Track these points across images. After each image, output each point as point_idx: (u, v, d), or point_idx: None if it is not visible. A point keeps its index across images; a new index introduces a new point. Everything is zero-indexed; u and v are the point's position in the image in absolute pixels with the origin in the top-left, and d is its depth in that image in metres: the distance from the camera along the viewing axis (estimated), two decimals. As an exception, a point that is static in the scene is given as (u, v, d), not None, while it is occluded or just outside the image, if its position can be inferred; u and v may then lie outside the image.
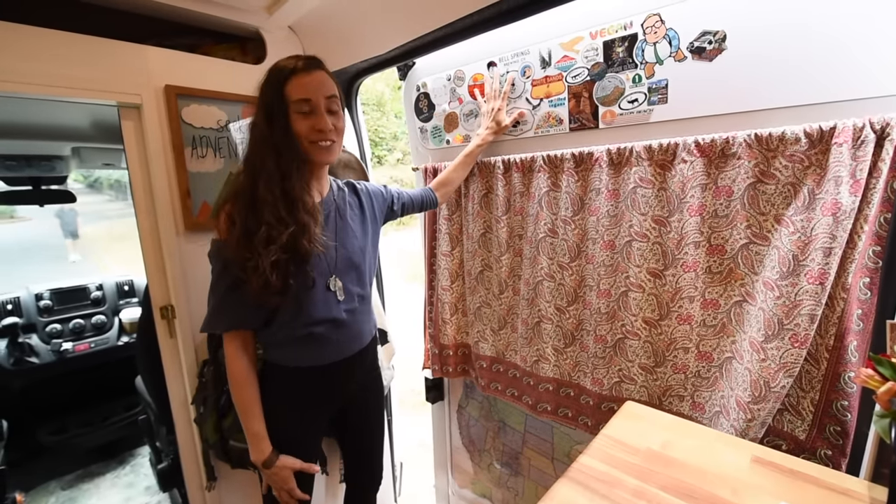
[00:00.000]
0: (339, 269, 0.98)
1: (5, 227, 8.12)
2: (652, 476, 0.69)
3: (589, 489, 0.67)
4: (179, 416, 1.34)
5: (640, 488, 0.66)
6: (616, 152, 1.01)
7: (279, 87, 0.86)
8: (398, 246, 5.79)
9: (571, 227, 1.12)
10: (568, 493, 0.68)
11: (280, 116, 0.86)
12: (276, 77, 0.87)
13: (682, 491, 0.65)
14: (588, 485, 0.68)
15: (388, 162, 10.25)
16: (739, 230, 0.88)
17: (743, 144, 0.85)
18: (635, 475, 0.69)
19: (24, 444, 2.20)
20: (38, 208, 2.06)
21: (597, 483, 0.69)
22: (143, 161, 1.16)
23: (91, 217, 9.23)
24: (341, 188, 1.07)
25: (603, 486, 0.67)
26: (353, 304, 1.01)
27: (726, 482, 0.66)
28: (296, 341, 0.96)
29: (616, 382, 1.10)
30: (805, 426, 0.87)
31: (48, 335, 2.17)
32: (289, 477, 0.97)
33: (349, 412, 1.13)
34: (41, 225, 7.91)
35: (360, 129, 1.63)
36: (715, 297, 0.93)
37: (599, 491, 0.67)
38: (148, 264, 1.22)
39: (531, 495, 1.49)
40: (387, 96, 10.47)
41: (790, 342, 0.81)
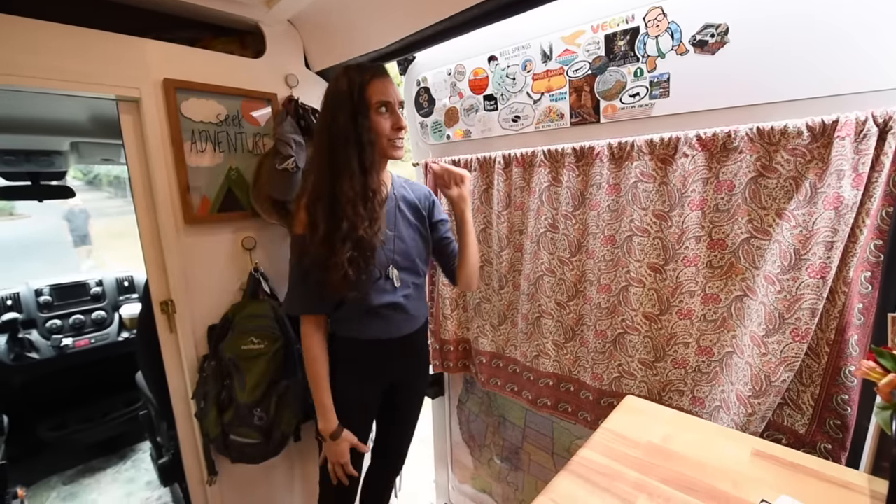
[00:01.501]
0: (397, 259, 1.06)
1: (4, 224, 8.11)
2: (653, 469, 0.69)
3: (589, 482, 0.68)
4: (180, 410, 1.34)
5: (641, 481, 0.67)
6: (617, 146, 1.01)
7: (361, 90, 0.93)
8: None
9: (572, 222, 1.12)
10: (568, 486, 0.68)
11: (364, 116, 0.93)
12: (357, 80, 0.93)
13: (683, 484, 0.65)
14: (588, 478, 0.69)
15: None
16: (741, 224, 0.87)
17: (745, 138, 0.84)
18: (636, 468, 0.70)
19: (25, 439, 2.20)
20: (38, 206, 2.05)
21: (597, 476, 0.69)
22: (142, 155, 1.16)
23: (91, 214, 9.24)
24: (402, 184, 1.14)
25: (603, 479, 0.68)
26: (409, 290, 1.09)
27: (727, 475, 0.67)
28: (360, 319, 1.05)
29: (616, 377, 1.10)
30: (805, 420, 0.87)
31: (48, 331, 2.16)
32: (346, 451, 1.05)
33: (398, 389, 1.19)
34: (40, 222, 7.90)
35: None
36: (716, 291, 0.93)
37: (600, 484, 0.67)
38: (148, 259, 1.22)
39: (531, 490, 1.49)
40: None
41: (791, 336, 0.81)
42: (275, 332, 1.28)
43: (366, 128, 0.93)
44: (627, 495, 0.64)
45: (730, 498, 0.62)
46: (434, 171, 1.12)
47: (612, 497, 0.64)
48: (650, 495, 0.64)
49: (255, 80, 1.31)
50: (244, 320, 1.28)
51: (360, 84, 0.93)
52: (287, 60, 1.39)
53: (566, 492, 0.66)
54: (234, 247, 1.35)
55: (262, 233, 1.40)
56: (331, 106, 0.95)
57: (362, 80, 0.93)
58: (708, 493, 0.63)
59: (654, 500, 0.63)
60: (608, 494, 0.65)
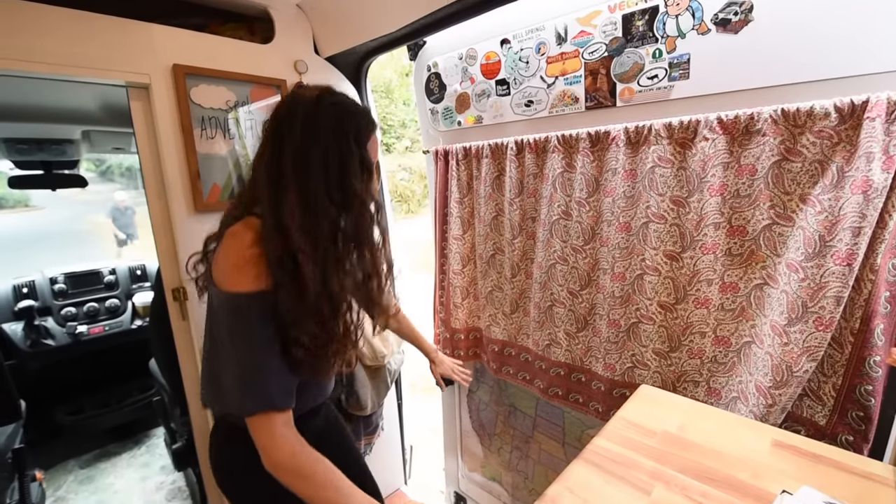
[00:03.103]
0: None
1: (20, 215, 8.23)
2: (669, 458, 0.68)
3: (605, 470, 0.67)
4: (193, 396, 1.35)
5: (657, 470, 0.65)
6: (634, 131, 0.98)
7: (365, 144, 0.77)
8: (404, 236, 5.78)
9: (586, 209, 1.10)
10: (583, 473, 0.67)
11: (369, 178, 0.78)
12: (364, 132, 0.77)
13: (701, 473, 0.64)
14: (604, 466, 0.68)
15: (396, 150, 10.18)
16: (762, 210, 0.85)
17: (768, 120, 0.81)
18: (652, 457, 0.68)
19: (44, 424, 2.25)
20: (51, 198, 2.08)
21: (613, 465, 0.68)
22: (152, 142, 1.16)
23: (103, 206, 9.34)
24: None
25: (619, 468, 0.67)
26: None
27: (746, 465, 0.65)
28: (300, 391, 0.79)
29: (629, 368, 1.08)
30: (826, 412, 0.85)
31: (63, 318, 2.20)
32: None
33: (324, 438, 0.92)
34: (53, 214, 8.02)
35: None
36: (734, 280, 0.91)
37: (616, 472, 0.66)
38: (159, 247, 1.22)
39: (541, 479, 1.49)
40: (395, 83, 10.36)
41: (814, 325, 0.79)
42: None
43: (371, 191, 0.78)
44: (644, 484, 0.63)
45: (749, 488, 0.61)
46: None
47: (628, 486, 0.63)
48: (667, 484, 0.63)
49: (264, 66, 1.29)
50: None
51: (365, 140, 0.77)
52: (296, 46, 1.38)
53: (581, 480, 0.65)
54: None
55: None
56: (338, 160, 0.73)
57: (366, 134, 0.77)
58: (726, 482, 0.62)
59: (670, 488, 0.62)
60: (624, 483, 0.64)
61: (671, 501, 0.60)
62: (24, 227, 7.32)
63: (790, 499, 0.58)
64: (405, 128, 10.42)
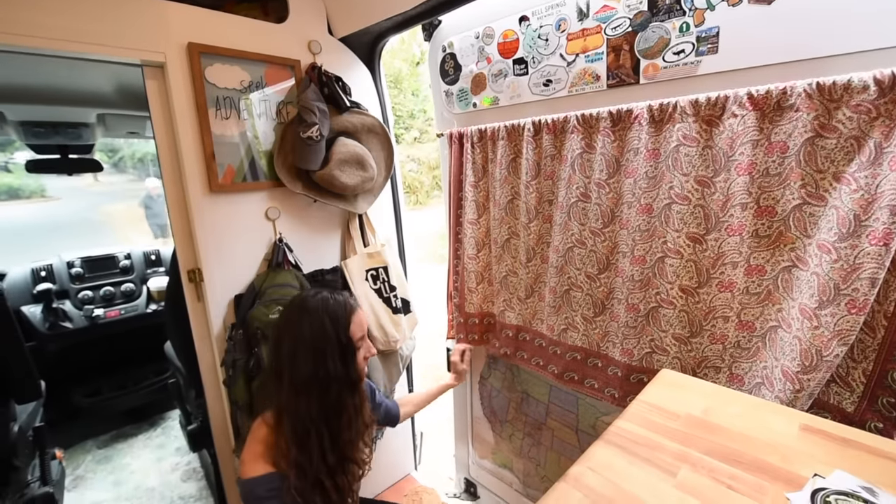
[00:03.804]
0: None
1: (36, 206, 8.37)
2: (694, 441, 0.66)
3: (629, 452, 0.65)
4: (208, 378, 1.36)
5: (683, 452, 0.64)
6: (658, 108, 0.95)
7: (346, 330, 0.92)
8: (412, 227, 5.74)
9: (605, 191, 1.07)
10: (606, 455, 0.65)
11: (352, 356, 0.93)
12: (341, 320, 0.92)
13: (728, 456, 0.62)
14: (627, 448, 0.66)
15: (405, 140, 10.14)
16: (793, 190, 0.82)
17: (802, 95, 0.78)
18: (676, 440, 0.67)
19: (62, 405, 2.30)
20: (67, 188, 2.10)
21: (636, 446, 0.66)
22: (168, 122, 1.15)
23: (117, 196, 9.46)
24: None
25: (643, 450, 0.65)
26: None
27: (775, 449, 0.63)
28: None
29: (647, 353, 1.06)
30: (854, 398, 0.82)
31: (80, 301, 2.24)
32: None
33: None
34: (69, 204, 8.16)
35: (382, 93, 1.58)
36: (761, 262, 0.88)
37: (640, 454, 0.64)
38: (175, 228, 1.22)
39: (554, 466, 1.48)
40: (404, 73, 10.28)
41: (847, 308, 0.76)
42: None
43: (354, 367, 0.93)
44: (669, 466, 0.61)
45: (779, 471, 0.59)
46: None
47: (653, 467, 0.61)
48: (693, 466, 0.61)
49: (279, 46, 1.28)
50: (271, 290, 1.28)
51: (345, 325, 0.92)
52: (310, 26, 1.36)
53: (604, 461, 0.64)
54: (258, 217, 1.34)
55: (285, 203, 1.39)
56: (315, 352, 0.88)
57: (346, 319, 0.92)
58: (755, 465, 0.60)
59: (697, 470, 0.60)
60: (648, 464, 0.62)
61: (698, 483, 0.58)
62: (41, 217, 7.46)
63: (823, 482, 0.56)
64: (413, 118, 10.36)
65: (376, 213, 1.63)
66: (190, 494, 2.05)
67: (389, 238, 1.71)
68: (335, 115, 1.37)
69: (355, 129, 1.42)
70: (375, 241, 1.62)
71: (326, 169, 1.31)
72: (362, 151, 1.39)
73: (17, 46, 0.92)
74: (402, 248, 1.79)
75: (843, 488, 0.54)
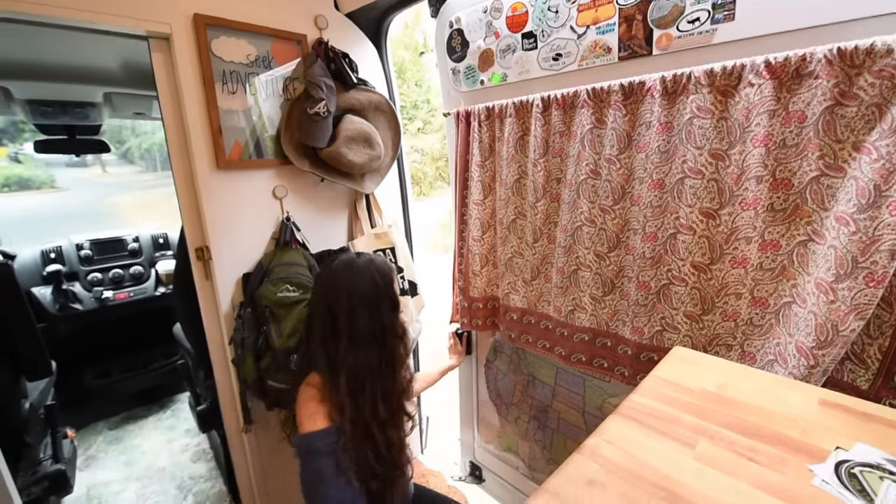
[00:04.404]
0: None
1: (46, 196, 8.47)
2: (711, 415, 0.64)
3: (644, 425, 0.63)
4: (217, 357, 1.36)
5: (700, 426, 0.62)
6: (672, 80, 0.92)
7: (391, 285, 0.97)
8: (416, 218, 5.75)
9: (616, 167, 1.05)
10: (621, 428, 0.64)
11: (398, 309, 0.98)
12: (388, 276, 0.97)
13: (747, 429, 0.60)
14: (643, 421, 0.65)
15: (408, 131, 10.08)
16: (810, 161, 0.79)
17: (822, 61, 0.75)
18: (693, 413, 0.65)
19: (74, 387, 2.34)
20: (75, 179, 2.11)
21: (652, 420, 0.65)
22: (174, 97, 1.14)
23: (124, 187, 9.53)
24: None
25: (660, 423, 0.63)
26: None
27: (794, 423, 0.61)
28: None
29: (658, 331, 1.05)
30: (869, 375, 0.80)
31: (90, 283, 2.26)
32: None
33: None
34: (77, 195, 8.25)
35: (389, 71, 1.56)
36: (776, 237, 0.86)
37: (656, 427, 0.63)
38: (183, 205, 1.22)
39: (560, 448, 1.48)
40: (407, 62, 10.19)
41: (864, 282, 0.74)
42: (309, 281, 1.27)
43: (400, 321, 0.97)
44: (687, 438, 0.60)
45: (800, 444, 0.57)
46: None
47: (670, 440, 0.60)
48: (711, 439, 0.59)
49: (285, 19, 1.26)
50: (278, 268, 1.27)
51: (390, 281, 0.96)
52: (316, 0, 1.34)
53: (620, 433, 0.63)
54: (265, 195, 1.33)
55: (293, 181, 1.38)
56: (371, 306, 0.92)
57: (390, 276, 0.97)
58: (775, 438, 0.58)
59: (715, 443, 0.58)
60: (665, 437, 0.61)
61: (717, 455, 0.56)
62: (50, 207, 7.55)
63: (846, 454, 0.54)
64: (417, 109, 10.28)
65: (383, 194, 1.62)
66: (200, 475, 2.07)
67: (396, 219, 1.70)
68: (342, 92, 1.36)
69: (362, 106, 1.41)
70: (382, 222, 1.61)
71: (333, 146, 1.30)
72: (370, 129, 1.38)
73: (23, 13, 0.91)
74: (409, 230, 1.78)
75: (867, 460, 0.53)
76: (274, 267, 1.28)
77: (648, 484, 0.52)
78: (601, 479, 0.54)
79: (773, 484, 0.51)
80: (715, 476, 0.53)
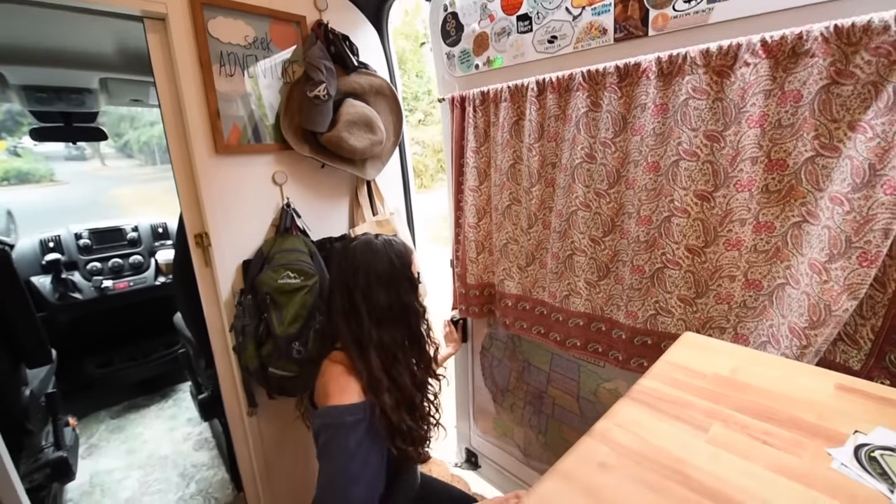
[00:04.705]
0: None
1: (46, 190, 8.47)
2: (724, 399, 0.63)
3: (656, 409, 0.62)
4: (218, 345, 1.35)
5: (713, 409, 0.61)
6: (667, 61, 0.91)
7: (409, 266, 0.98)
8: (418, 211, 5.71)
9: (611, 150, 1.04)
10: (632, 412, 0.62)
11: (417, 289, 0.99)
12: (406, 257, 0.98)
13: (761, 413, 0.59)
14: (654, 405, 0.63)
15: (409, 123, 9.98)
16: (805, 141, 0.79)
17: (819, 39, 0.74)
18: (705, 397, 0.63)
19: (75, 376, 2.35)
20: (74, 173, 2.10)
21: (663, 404, 0.63)
22: (171, 79, 1.12)
23: (123, 180, 9.52)
24: None
25: (671, 407, 0.62)
26: None
27: (810, 407, 0.60)
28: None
29: (651, 315, 1.05)
30: (861, 356, 0.81)
31: (89, 273, 2.26)
32: None
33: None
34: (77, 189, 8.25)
35: (390, 54, 1.54)
36: (770, 219, 0.85)
37: (668, 411, 0.61)
38: (181, 191, 1.20)
39: (554, 434, 1.49)
40: (408, 53, 10.10)
41: (858, 261, 0.73)
42: (310, 268, 1.26)
43: (419, 299, 0.99)
44: (700, 422, 0.58)
45: (816, 427, 0.56)
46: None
47: (683, 423, 0.59)
48: (725, 422, 0.58)
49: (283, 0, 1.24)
50: (279, 255, 1.26)
51: (408, 262, 0.98)
52: (316, -21, 1.31)
53: (631, 417, 0.61)
54: (265, 181, 1.32)
55: (293, 167, 1.36)
56: (390, 285, 0.94)
57: (408, 258, 0.98)
58: (790, 422, 0.57)
59: (729, 426, 0.57)
60: (678, 421, 0.59)
61: (731, 439, 0.55)
62: (50, 200, 7.55)
63: (865, 438, 0.53)
64: (418, 100, 10.20)
65: (385, 181, 1.60)
66: (202, 463, 2.09)
67: (398, 207, 1.68)
68: (342, 75, 1.33)
69: (363, 90, 1.38)
70: (384, 209, 1.59)
71: (334, 131, 1.28)
72: (371, 113, 1.35)
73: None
74: (411, 218, 1.76)
75: (888, 444, 0.52)
76: (275, 254, 1.27)
77: (661, 467, 0.52)
78: (613, 463, 0.53)
79: (790, 467, 0.50)
80: (730, 459, 0.52)
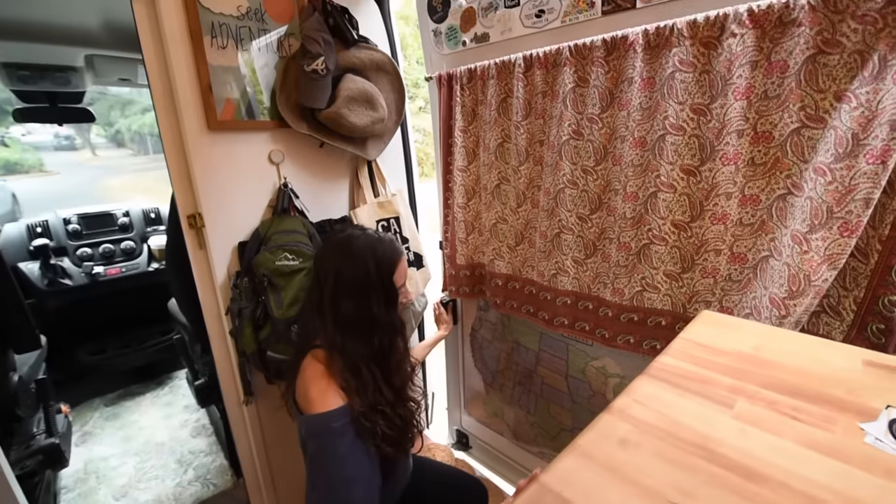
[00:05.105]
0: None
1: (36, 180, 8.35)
2: (748, 375, 0.61)
3: (676, 386, 0.60)
4: (214, 330, 1.31)
5: (737, 386, 0.59)
6: (654, 33, 0.90)
7: (390, 275, 0.92)
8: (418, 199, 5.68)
9: (598, 126, 1.03)
10: (652, 388, 0.60)
11: (395, 302, 0.93)
12: (388, 266, 0.91)
13: (788, 389, 0.57)
14: (675, 382, 0.61)
15: (410, 110, 9.88)
16: (791, 112, 0.78)
17: (805, 8, 0.73)
18: (728, 374, 0.62)
19: (67, 364, 2.32)
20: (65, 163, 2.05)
21: (685, 381, 0.61)
22: (159, 52, 1.08)
23: (113, 170, 9.38)
24: None
25: (693, 384, 0.60)
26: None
27: (839, 382, 0.58)
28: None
29: (638, 292, 1.05)
30: (844, 327, 0.81)
31: (79, 258, 2.22)
32: None
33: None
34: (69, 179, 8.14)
35: (392, 30, 1.50)
36: (756, 192, 0.85)
37: (690, 388, 0.59)
38: (172, 170, 1.16)
39: (543, 412, 1.50)
40: (409, 38, 9.95)
41: (839, 231, 0.74)
42: (309, 249, 1.23)
43: (396, 314, 0.94)
44: (723, 399, 0.57)
45: (846, 403, 0.54)
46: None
47: (706, 400, 0.57)
48: (750, 399, 0.56)
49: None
50: (276, 236, 1.23)
51: (389, 271, 0.91)
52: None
53: (650, 393, 0.59)
54: (261, 159, 1.27)
55: (290, 146, 1.32)
56: (359, 295, 0.88)
57: (391, 266, 0.91)
58: (819, 398, 0.55)
59: (755, 402, 0.56)
60: (700, 398, 0.57)
61: (759, 414, 0.53)
62: (40, 191, 7.45)
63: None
64: (418, 87, 10.05)
65: (386, 161, 1.55)
66: (200, 449, 2.08)
67: (401, 189, 1.63)
68: (341, 49, 1.29)
69: (363, 65, 1.34)
70: (386, 190, 1.54)
71: (333, 107, 1.24)
72: (371, 89, 1.31)
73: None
74: (414, 199, 1.72)
75: None
76: (272, 235, 1.24)
77: (685, 443, 0.50)
78: (634, 439, 0.51)
79: (822, 442, 0.48)
80: (758, 435, 0.50)
